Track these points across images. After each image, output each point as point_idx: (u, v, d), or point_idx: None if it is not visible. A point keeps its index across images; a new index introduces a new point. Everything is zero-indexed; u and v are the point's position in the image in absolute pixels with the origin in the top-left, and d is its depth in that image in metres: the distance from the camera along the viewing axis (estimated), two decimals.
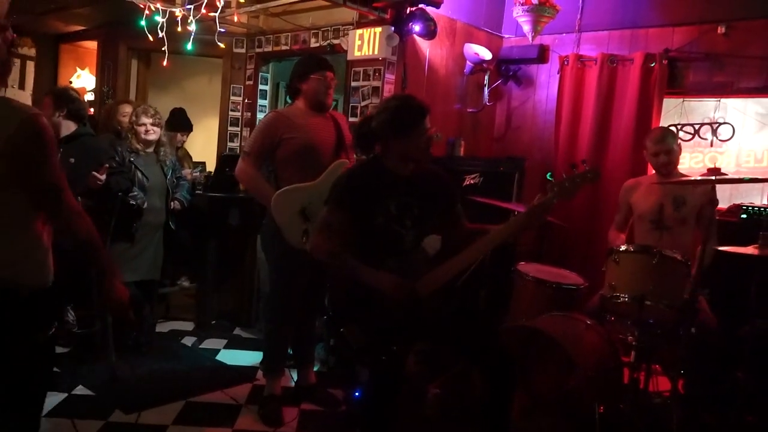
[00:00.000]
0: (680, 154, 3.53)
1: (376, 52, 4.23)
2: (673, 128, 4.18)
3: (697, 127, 4.24)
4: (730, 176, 3.37)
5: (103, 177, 3.56)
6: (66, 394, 3.33)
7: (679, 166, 3.54)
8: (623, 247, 3.04)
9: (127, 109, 4.38)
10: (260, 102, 5.66)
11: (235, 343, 4.36)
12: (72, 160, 3.55)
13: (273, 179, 3.23)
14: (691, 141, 4.25)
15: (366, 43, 4.28)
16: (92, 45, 6.27)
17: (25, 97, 6.21)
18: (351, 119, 4.45)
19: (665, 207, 3.38)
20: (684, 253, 2.96)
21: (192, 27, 4.22)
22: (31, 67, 6.45)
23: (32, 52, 6.44)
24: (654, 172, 3.60)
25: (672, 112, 4.36)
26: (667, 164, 3.42)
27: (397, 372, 2.40)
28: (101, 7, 5.15)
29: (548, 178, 2.48)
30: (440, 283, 2.38)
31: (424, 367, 2.80)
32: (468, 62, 4.69)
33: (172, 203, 4.02)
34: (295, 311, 3.31)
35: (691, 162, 4.30)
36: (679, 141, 3.63)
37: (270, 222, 3.14)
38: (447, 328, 2.50)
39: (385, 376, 2.40)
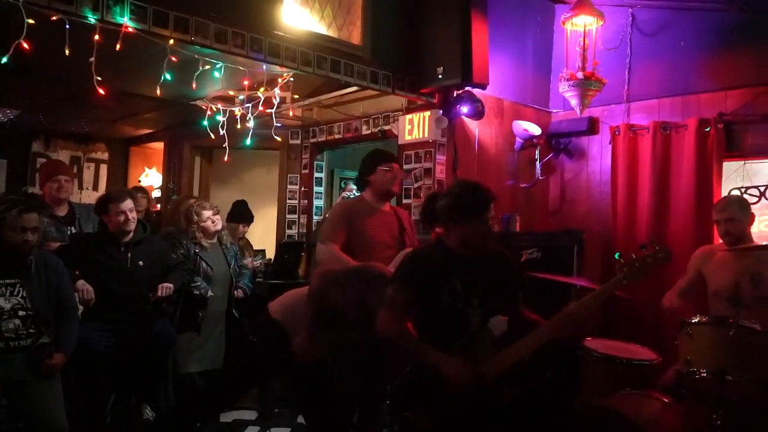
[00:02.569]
0: (752, 222, 3.36)
1: (426, 135, 4.34)
2: (736, 191, 4.05)
3: (762, 189, 4.10)
4: None
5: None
6: None
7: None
8: (696, 319, 2.89)
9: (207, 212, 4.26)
10: (316, 189, 5.84)
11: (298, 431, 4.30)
12: (141, 263, 3.70)
13: None
14: (758, 203, 4.09)
15: (416, 127, 4.40)
16: (159, 146, 6.69)
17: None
18: (405, 201, 4.53)
19: (742, 285, 3.09)
20: (766, 326, 2.77)
21: (250, 124, 4.46)
22: (104, 169, 6.90)
23: (105, 156, 6.92)
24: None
25: (733, 175, 4.24)
26: (729, 234, 3.27)
27: None
28: (167, 111, 5.52)
29: (616, 257, 2.41)
30: (507, 366, 2.32)
31: None
32: (518, 138, 4.74)
33: (235, 292, 4.12)
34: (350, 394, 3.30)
35: (761, 225, 4.12)
36: (751, 209, 3.41)
37: None
38: (516, 412, 2.41)
39: None
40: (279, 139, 4.86)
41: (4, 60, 2.82)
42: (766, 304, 3.11)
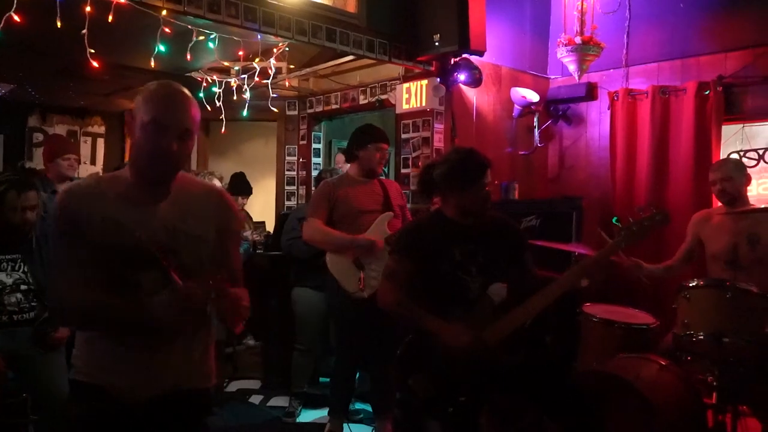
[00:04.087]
0: (748, 183, 3.36)
1: (423, 104, 4.31)
2: (735, 155, 4.04)
3: (761, 151, 4.09)
4: None
5: None
6: None
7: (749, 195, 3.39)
8: (693, 283, 2.91)
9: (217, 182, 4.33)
10: (314, 160, 5.83)
11: (300, 400, 4.36)
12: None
13: None
14: (757, 166, 4.09)
15: (413, 95, 4.37)
16: None
17: (96, 172, 6.59)
18: (403, 170, 4.52)
19: (739, 246, 3.10)
20: (762, 288, 2.80)
21: (246, 95, 4.43)
22: (101, 143, 6.85)
23: (102, 129, 6.86)
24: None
25: (732, 139, 4.23)
26: (725, 192, 3.27)
27: (467, 424, 2.35)
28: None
29: (614, 222, 2.42)
30: (507, 332, 2.35)
31: (496, 418, 2.72)
32: (516, 106, 4.72)
33: None
34: (356, 357, 3.56)
35: (759, 189, 4.12)
36: (747, 170, 3.40)
37: (331, 277, 3.38)
38: (516, 377, 2.45)
39: (455, 428, 2.35)
40: (276, 110, 4.82)
41: None
42: (763, 265, 3.14)
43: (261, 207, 6.38)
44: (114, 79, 5.17)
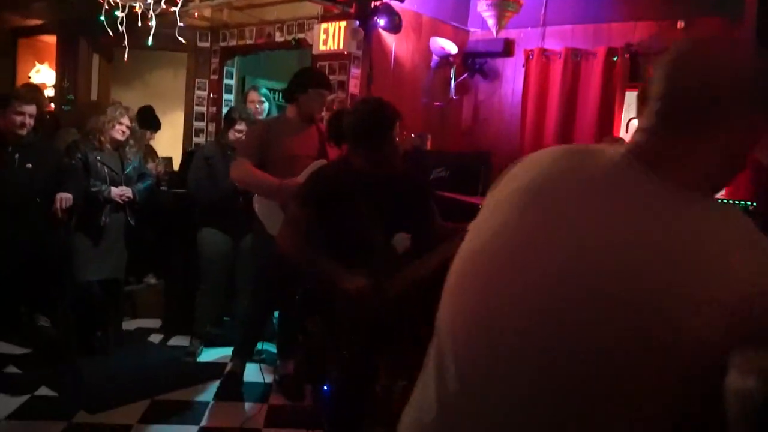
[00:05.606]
0: None
1: (341, 47, 4.22)
2: (635, 121, 4.25)
3: None
4: None
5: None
6: (28, 396, 3.26)
7: None
8: None
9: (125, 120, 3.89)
10: (226, 96, 5.61)
11: (202, 340, 4.32)
12: (29, 165, 3.46)
13: None
14: None
15: (331, 37, 4.26)
16: (51, 39, 6.13)
17: None
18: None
19: None
20: None
21: (152, 22, 4.15)
22: None
23: None
24: None
25: (634, 105, 4.43)
26: None
27: (364, 369, 2.41)
28: (58, 1, 5.04)
29: None
30: (408, 283, 2.39)
31: (393, 364, 2.81)
32: (434, 56, 4.71)
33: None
34: (273, 300, 3.53)
35: None
36: None
37: (257, 219, 3.33)
38: (414, 326, 2.52)
39: (352, 373, 2.41)
40: (184, 41, 4.57)
41: None
42: None
43: (167, 142, 6.11)
44: None
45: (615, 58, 4.32)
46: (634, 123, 3.53)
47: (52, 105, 5.77)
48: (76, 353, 3.61)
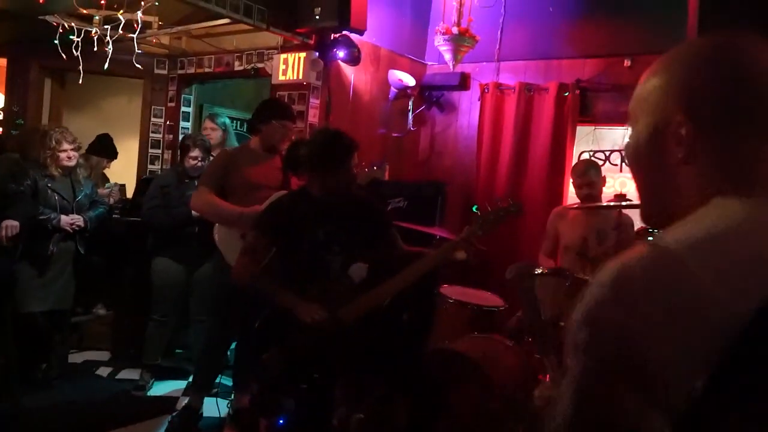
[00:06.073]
0: (604, 184, 3.69)
1: (300, 77, 4.24)
2: (586, 154, 4.39)
3: (607, 153, 4.47)
4: (635, 201, 3.56)
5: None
6: None
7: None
8: (539, 270, 3.14)
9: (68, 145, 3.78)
10: (183, 124, 5.55)
11: (153, 373, 4.19)
12: None
13: None
14: (603, 167, 4.47)
15: (290, 67, 4.28)
16: (1, 62, 5.97)
17: None
18: None
19: (589, 240, 3.47)
20: None
21: (109, 47, 4.10)
22: None
23: None
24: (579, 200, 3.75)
25: (585, 138, 4.59)
26: (589, 196, 3.57)
27: (318, 400, 2.38)
28: (9, 23, 4.93)
29: (474, 210, 2.55)
30: (363, 311, 2.40)
31: (348, 393, 2.78)
32: (392, 88, 4.78)
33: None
34: (232, 332, 3.47)
35: (617, 185, 4.51)
36: (603, 173, 3.74)
37: (217, 250, 3.30)
38: (370, 354, 2.51)
39: (307, 404, 2.38)
40: (141, 67, 4.52)
41: None
42: (608, 258, 3.44)
43: (121, 169, 5.98)
44: None
45: (566, 93, 4.47)
46: (585, 156, 3.63)
47: (0, 129, 5.60)
48: (18, 387, 3.45)
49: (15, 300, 3.59)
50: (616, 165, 4.45)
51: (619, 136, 4.46)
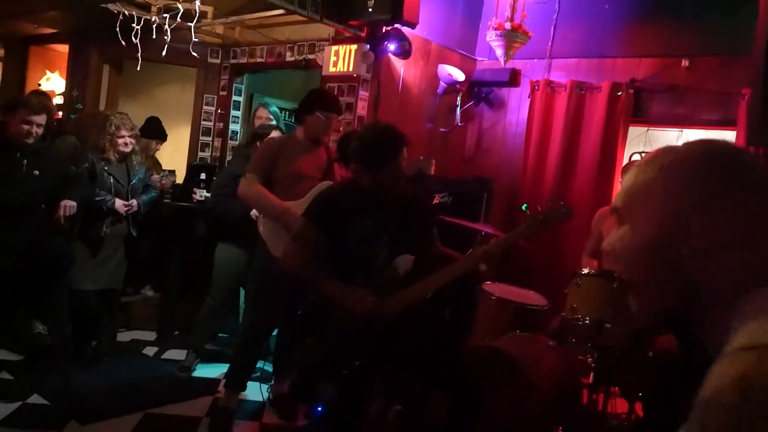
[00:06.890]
0: None
1: (350, 69, 4.26)
2: (637, 155, 4.30)
3: None
4: None
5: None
6: (20, 403, 3.24)
7: None
8: (585, 271, 3.10)
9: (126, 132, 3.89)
10: (233, 113, 5.65)
11: (198, 355, 4.30)
12: (36, 172, 3.48)
13: None
14: None
15: (341, 59, 4.31)
16: (63, 48, 6.19)
17: None
18: None
19: None
20: None
21: (167, 36, 4.20)
22: None
23: (0, 52, 6.33)
24: None
25: (636, 140, 4.49)
26: None
27: (358, 389, 2.40)
28: (72, 11, 5.10)
29: (523, 209, 2.52)
30: (407, 303, 2.41)
31: (387, 384, 2.80)
32: (441, 83, 4.76)
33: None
34: (272, 323, 3.46)
35: None
36: None
37: (261, 238, 3.29)
38: (411, 347, 2.52)
39: (346, 392, 2.41)
40: (197, 55, 4.62)
41: None
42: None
43: (170, 155, 6.13)
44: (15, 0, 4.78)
45: (619, 93, 4.38)
46: (636, 157, 3.57)
47: (60, 113, 5.80)
48: (69, 362, 3.59)
49: (69, 278, 3.72)
50: None
51: (672, 137, 4.35)
